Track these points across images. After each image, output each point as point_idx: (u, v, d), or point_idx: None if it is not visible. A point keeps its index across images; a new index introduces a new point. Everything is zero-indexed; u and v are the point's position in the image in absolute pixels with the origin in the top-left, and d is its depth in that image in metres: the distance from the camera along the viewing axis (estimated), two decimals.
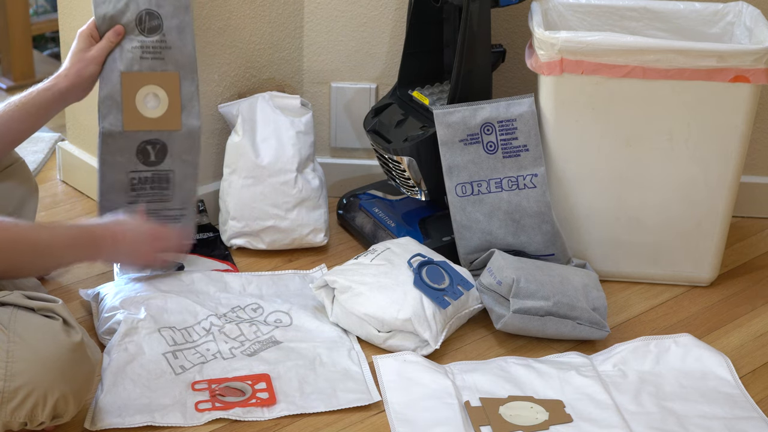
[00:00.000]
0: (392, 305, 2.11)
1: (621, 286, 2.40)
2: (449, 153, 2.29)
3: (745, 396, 2.04)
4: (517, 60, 2.56)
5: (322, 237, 2.45)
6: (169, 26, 2.11)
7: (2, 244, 1.81)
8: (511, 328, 2.16)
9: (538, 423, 1.94)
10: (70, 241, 1.93)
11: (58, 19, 2.60)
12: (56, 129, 2.90)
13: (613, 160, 2.28)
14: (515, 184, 2.29)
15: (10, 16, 3.50)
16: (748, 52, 2.15)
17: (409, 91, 2.47)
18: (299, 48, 2.60)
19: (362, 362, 2.09)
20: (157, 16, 2.10)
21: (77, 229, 1.97)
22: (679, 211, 2.32)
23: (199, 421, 1.91)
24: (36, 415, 1.74)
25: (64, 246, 1.92)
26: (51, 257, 1.92)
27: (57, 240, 1.90)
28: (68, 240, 1.92)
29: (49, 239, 1.89)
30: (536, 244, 2.30)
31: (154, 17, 2.09)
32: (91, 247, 1.97)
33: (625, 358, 2.12)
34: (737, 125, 2.23)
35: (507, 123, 2.28)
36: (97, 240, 1.97)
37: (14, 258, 1.84)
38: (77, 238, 1.94)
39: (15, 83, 3.49)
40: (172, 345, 2.07)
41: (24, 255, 1.86)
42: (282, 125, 2.41)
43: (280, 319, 2.19)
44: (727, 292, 2.40)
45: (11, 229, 1.84)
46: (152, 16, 2.09)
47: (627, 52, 2.17)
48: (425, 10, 2.41)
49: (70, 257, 1.97)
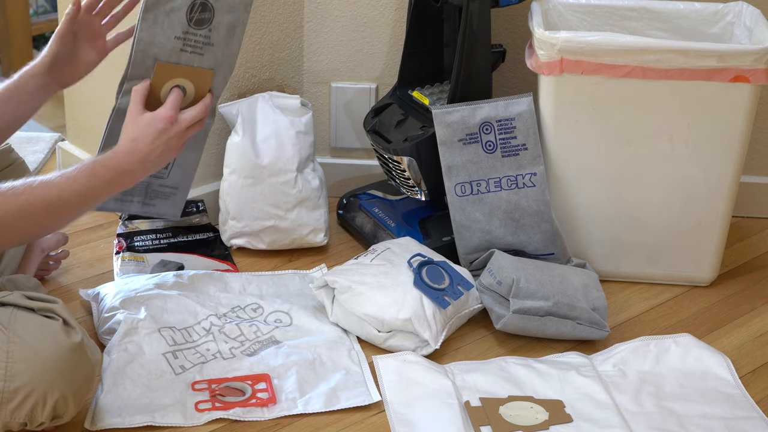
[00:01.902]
0: (392, 305, 2.11)
1: (621, 286, 2.40)
2: (448, 153, 2.29)
3: (745, 396, 2.04)
4: (517, 60, 2.56)
5: (322, 237, 2.45)
6: (219, 22, 1.93)
7: (18, 212, 1.75)
8: (511, 328, 2.16)
9: (538, 423, 1.94)
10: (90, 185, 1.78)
11: (58, 19, 2.60)
12: (56, 129, 2.90)
13: (613, 160, 2.28)
14: (514, 183, 2.29)
15: (10, 16, 3.50)
16: (748, 52, 2.15)
17: (409, 91, 2.47)
18: (299, 48, 2.60)
19: (362, 362, 2.09)
20: (210, 8, 1.92)
21: (91, 165, 1.79)
22: (679, 211, 2.32)
23: (199, 421, 1.91)
24: (36, 416, 1.74)
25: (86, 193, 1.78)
26: (73, 210, 1.80)
27: (75, 191, 1.77)
28: (87, 186, 1.78)
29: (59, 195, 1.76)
30: (536, 243, 2.30)
31: (207, 9, 1.92)
32: (117, 176, 1.81)
33: (625, 358, 2.12)
34: (737, 125, 2.23)
35: (506, 122, 2.28)
36: (120, 167, 1.81)
37: (33, 223, 1.76)
38: (96, 176, 1.78)
39: None
40: (172, 345, 2.07)
41: (43, 219, 1.77)
42: (282, 125, 2.41)
43: (280, 319, 2.19)
44: (727, 292, 2.40)
45: (23, 194, 1.74)
46: (205, 7, 1.91)
47: (627, 52, 2.17)
48: (425, 10, 2.41)
49: (96, 200, 1.82)
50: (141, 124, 1.84)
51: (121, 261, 2.34)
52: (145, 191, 2.08)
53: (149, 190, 2.08)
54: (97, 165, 1.80)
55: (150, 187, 2.08)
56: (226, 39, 1.94)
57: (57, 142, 2.81)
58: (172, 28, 1.89)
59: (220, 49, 1.95)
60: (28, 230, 1.79)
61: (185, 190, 2.13)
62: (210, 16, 1.91)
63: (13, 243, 1.87)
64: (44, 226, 1.81)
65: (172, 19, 1.89)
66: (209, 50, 1.94)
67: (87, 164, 1.80)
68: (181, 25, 1.90)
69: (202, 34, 1.92)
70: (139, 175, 1.84)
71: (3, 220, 1.74)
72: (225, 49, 1.95)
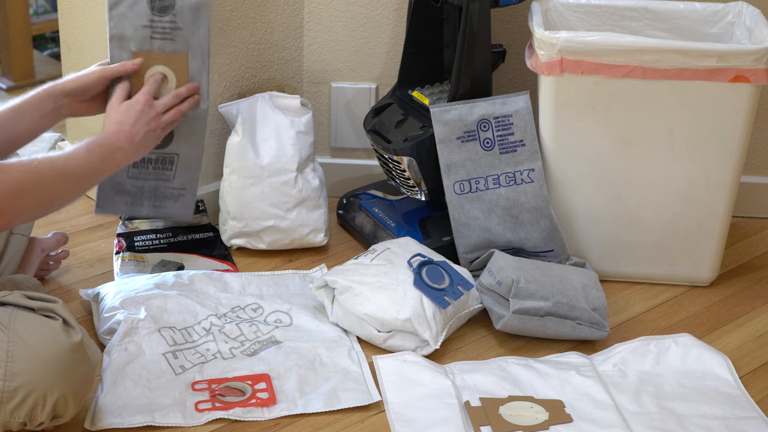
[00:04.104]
0: (392, 305, 2.11)
1: (621, 286, 2.40)
2: (446, 151, 2.29)
3: (745, 396, 2.05)
4: (517, 60, 2.56)
5: (322, 237, 2.45)
6: (181, 6, 2.02)
7: (31, 183, 1.79)
8: (511, 328, 2.16)
9: (538, 423, 1.94)
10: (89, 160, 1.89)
11: (58, 19, 2.60)
12: (56, 129, 2.90)
13: (613, 160, 2.28)
14: (512, 179, 2.29)
15: (10, 16, 3.50)
16: (748, 52, 2.15)
17: (409, 91, 2.47)
18: (299, 48, 2.60)
19: (362, 362, 2.09)
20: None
21: (86, 145, 1.91)
22: (679, 211, 2.32)
23: (199, 421, 1.91)
24: (35, 415, 1.74)
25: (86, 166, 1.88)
26: (78, 181, 1.88)
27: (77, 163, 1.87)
28: (87, 159, 1.88)
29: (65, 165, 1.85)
30: (535, 239, 2.31)
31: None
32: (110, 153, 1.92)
33: (625, 358, 2.12)
34: (737, 125, 2.23)
35: (503, 119, 2.28)
36: (111, 145, 1.92)
37: (46, 190, 1.82)
38: (92, 153, 1.89)
39: (15, 83, 3.49)
40: (172, 345, 2.07)
41: (54, 187, 1.83)
42: (282, 125, 2.41)
43: (280, 319, 2.19)
44: (727, 292, 2.40)
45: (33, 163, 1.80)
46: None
47: (627, 52, 2.17)
48: (425, 10, 2.41)
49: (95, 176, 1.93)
50: (121, 109, 1.97)
51: (121, 261, 2.34)
52: (154, 194, 2.12)
53: (158, 194, 2.12)
54: (90, 144, 1.91)
55: (158, 190, 2.12)
56: (193, 22, 2.03)
57: (57, 142, 2.81)
58: (138, 18, 2.01)
59: (189, 31, 2.04)
60: (42, 199, 1.84)
61: (193, 191, 2.16)
62: (171, 2, 2.02)
63: (29, 214, 1.92)
64: (57, 194, 1.87)
65: (136, 11, 2.00)
66: (178, 34, 2.03)
67: (82, 143, 1.90)
68: (146, 15, 2.01)
69: (168, 20, 2.02)
70: (129, 154, 1.95)
71: (21, 186, 1.78)
72: (194, 32, 2.04)
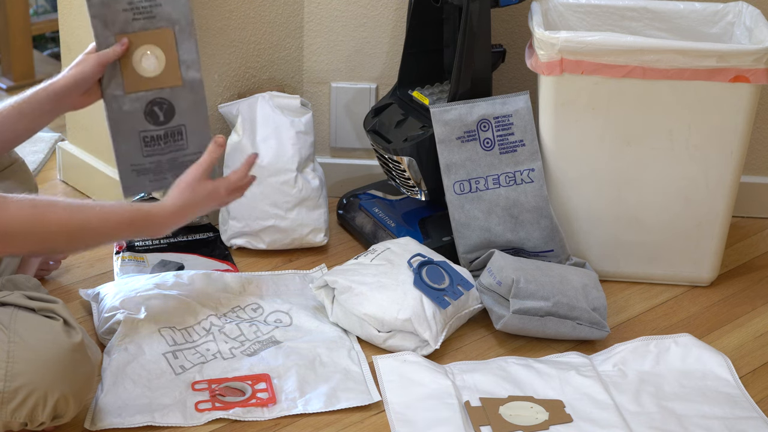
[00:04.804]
0: (392, 305, 2.11)
1: (621, 286, 2.40)
2: (446, 151, 2.29)
3: (745, 396, 2.05)
4: (517, 60, 2.56)
5: (322, 237, 2.45)
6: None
7: (30, 226, 1.75)
8: (511, 328, 2.16)
9: (538, 423, 1.94)
10: (123, 224, 1.86)
11: (58, 19, 2.60)
12: (56, 129, 2.90)
13: (613, 160, 2.28)
14: (512, 179, 2.29)
15: (10, 16, 3.49)
16: (748, 52, 2.15)
17: (409, 91, 2.47)
18: (299, 48, 2.60)
19: (362, 362, 2.09)
20: None
21: (132, 211, 1.88)
22: (679, 211, 2.32)
23: (199, 421, 1.91)
24: (36, 416, 1.74)
25: (114, 228, 1.85)
26: (91, 239, 1.86)
27: (104, 223, 1.83)
28: (120, 223, 1.85)
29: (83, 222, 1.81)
30: (535, 239, 2.31)
31: None
32: (148, 227, 1.90)
33: (625, 358, 2.12)
34: (737, 125, 2.23)
35: (503, 119, 2.28)
36: (156, 223, 1.90)
37: (44, 240, 1.79)
38: (133, 221, 1.87)
39: (15, 83, 3.49)
40: (172, 345, 2.07)
41: (55, 238, 1.80)
42: (282, 125, 2.41)
43: (280, 319, 2.19)
44: (727, 292, 2.40)
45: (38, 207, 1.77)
46: None
47: (627, 52, 2.17)
48: (425, 10, 2.41)
49: (119, 237, 1.93)
50: (200, 192, 1.95)
51: (121, 261, 2.34)
52: (174, 165, 2.10)
53: (177, 163, 2.10)
54: (137, 215, 1.87)
55: (176, 160, 2.10)
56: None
57: (57, 142, 2.81)
58: (117, 2, 2.01)
59: (170, 5, 2.04)
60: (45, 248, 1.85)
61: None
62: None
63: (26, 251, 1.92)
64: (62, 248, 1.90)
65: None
66: (159, 10, 2.04)
67: (127, 209, 1.87)
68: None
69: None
70: (169, 230, 1.94)
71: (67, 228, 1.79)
72: (175, 4, 2.05)
